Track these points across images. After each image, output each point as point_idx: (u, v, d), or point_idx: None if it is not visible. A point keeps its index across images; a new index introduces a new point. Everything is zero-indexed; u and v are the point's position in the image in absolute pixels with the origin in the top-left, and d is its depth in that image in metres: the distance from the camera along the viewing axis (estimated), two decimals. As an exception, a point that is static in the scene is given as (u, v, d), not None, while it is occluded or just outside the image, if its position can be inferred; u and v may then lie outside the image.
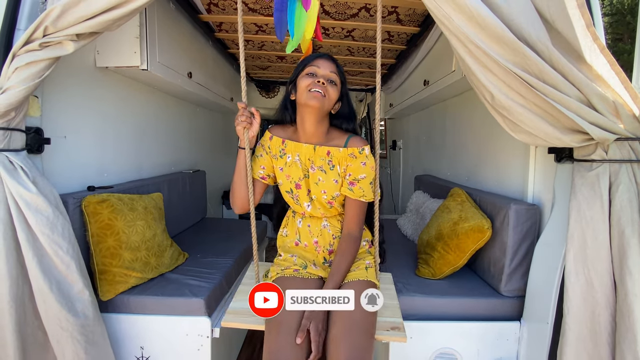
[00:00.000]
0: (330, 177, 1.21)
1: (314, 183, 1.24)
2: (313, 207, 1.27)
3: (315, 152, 1.23)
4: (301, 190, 1.25)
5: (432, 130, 2.90)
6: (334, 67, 1.19)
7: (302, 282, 1.19)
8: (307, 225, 1.32)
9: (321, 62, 1.17)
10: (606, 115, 1.05)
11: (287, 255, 1.31)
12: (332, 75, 1.17)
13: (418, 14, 2.16)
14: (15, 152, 1.17)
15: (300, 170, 1.24)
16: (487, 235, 1.52)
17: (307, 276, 1.22)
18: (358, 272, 1.21)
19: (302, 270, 1.24)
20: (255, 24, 2.39)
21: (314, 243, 1.31)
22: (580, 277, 1.11)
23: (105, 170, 1.78)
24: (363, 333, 1.04)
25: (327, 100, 1.15)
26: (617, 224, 1.07)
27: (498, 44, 1.06)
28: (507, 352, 1.48)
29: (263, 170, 1.28)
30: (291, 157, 1.25)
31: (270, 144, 1.28)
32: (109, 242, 1.45)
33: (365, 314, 1.08)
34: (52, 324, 1.18)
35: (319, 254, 1.32)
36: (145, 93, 2.14)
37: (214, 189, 3.53)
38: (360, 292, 1.10)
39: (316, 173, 1.23)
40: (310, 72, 1.16)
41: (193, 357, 1.44)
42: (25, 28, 1.20)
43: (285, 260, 1.30)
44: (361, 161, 1.19)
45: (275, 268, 1.28)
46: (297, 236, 1.34)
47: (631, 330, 1.02)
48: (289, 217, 1.40)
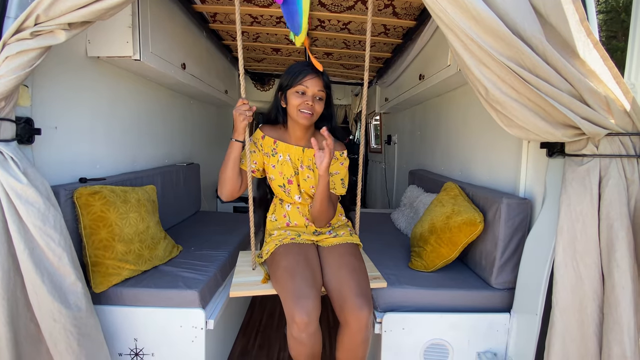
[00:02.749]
0: (316, 174, 1.44)
1: (303, 179, 1.47)
2: (302, 198, 1.50)
3: (304, 154, 1.46)
4: (292, 185, 1.47)
5: (426, 125, 2.91)
6: (322, 85, 1.37)
7: (300, 245, 1.41)
8: (297, 207, 1.53)
9: (310, 82, 1.34)
10: (598, 110, 1.06)
11: (280, 231, 1.50)
12: (320, 93, 1.36)
13: (414, 7, 2.15)
14: (5, 142, 1.16)
15: (292, 168, 1.45)
16: (479, 229, 1.54)
17: (302, 242, 1.44)
18: (345, 237, 1.50)
19: (298, 238, 1.45)
20: (250, 15, 2.36)
21: (305, 220, 1.53)
22: (569, 269, 1.13)
23: (97, 161, 1.76)
24: (364, 276, 1.34)
25: (314, 116, 1.38)
26: (606, 217, 1.09)
27: (493, 37, 1.06)
28: (497, 343, 1.51)
29: (254, 165, 1.46)
30: (282, 156, 1.45)
31: (263, 142, 1.46)
32: (102, 234, 1.44)
33: (360, 263, 1.39)
34: (44, 316, 1.18)
35: (310, 227, 1.54)
36: (138, 84, 2.12)
37: (208, 181, 3.51)
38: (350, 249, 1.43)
39: (305, 171, 1.46)
40: (301, 91, 1.34)
41: (187, 348, 1.45)
42: (15, 16, 1.17)
43: (279, 235, 1.48)
44: (340, 162, 1.49)
45: (271, 243, 1.44)
46: (287, 218, 1.54)
47: (618, 322, 1.04)
48: (275, 205, 1.58)
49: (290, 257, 1.33)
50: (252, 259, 1.53)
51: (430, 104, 2.78)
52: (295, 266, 1.29)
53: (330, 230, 1.57)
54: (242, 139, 1.33)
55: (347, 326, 1.23)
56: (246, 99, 1.30)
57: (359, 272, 1.33)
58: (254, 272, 1.50)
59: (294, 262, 1.31)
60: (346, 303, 1.23)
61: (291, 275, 1.26)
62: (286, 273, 1.27)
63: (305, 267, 1.30)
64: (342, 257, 1.38)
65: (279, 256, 1.37)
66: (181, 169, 2.53)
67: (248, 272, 1.50)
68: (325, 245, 1.47)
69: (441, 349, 1.51)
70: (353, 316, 1.21)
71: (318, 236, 1.51)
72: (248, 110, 1.27)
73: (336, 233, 1.55)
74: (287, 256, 1.34)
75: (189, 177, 2.66)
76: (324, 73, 1.40)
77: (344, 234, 1.53)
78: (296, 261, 1.31)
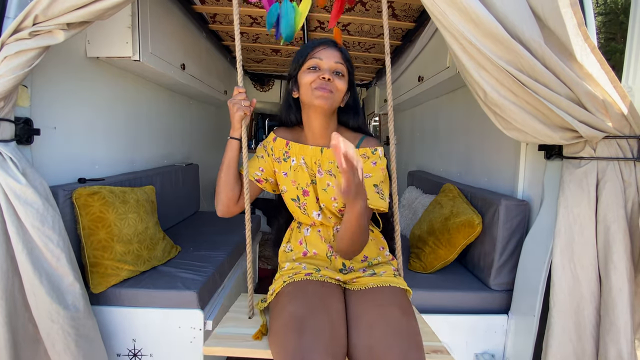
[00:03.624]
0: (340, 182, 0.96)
1: (321, 189, 1.06)
2: (323, 216, 1.09)
3: (323, 155, 1.08)
4: (309, 197, 1.08)
5: (425, 126, 2.91)
6: (339, 56, 1.03)
7: (318, 285, 0.97)
8: (317, 231, 1.12)
9: (324, 52, 1.01)
10: (595, 113, 1.07)
11: (294, 264, 1.08)
12: (338, 66, 1.02)
13: (413, 9, 2.16)
14: (4, 142, 1.16)
15: (307, 175, 1.07)
16: (478, 230, 1.55)
17: (322, 279, 0.99)
18: (387, 278, 1.01)
19: (316, 274, 1.01)
20: (250, 16, 2.37)
21: (329, 248, 1.10)
22: (566, 271, 1.14)
23: (96, 162, 1.76)
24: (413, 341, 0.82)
25: (335, 97, 1.01)
26: (603, 220, 1.09)
27: (492, 41, 1.06)
28: (495, 344, 1.51)
29: (261, 172, 1.11)
30: (296, 160, 1.09)
31: (274, 145, 1.13)
32: (101, 234, 1.44)
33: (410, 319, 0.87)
34: (42, 316, 1.17)
35: (335, 260, 1.09)
36: (137, 84, 2.12)
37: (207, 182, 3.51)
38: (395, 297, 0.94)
39: (324, 178, 1.06)
40: (313, 65, 1.01)
41: (185, 349, 1.45)
42: (15, 16, 1.17)
43: (292, 269, 1.05)
44: (372, 161, 1.05)
45: (279, 280, 1.03)
46: (304, 245, 1.12)
47: (615, 323, 1.05)
48: (292, 230, 1.18)
49: (300, 301, 0.90)
50: (248, 303, 1.10)
51: (429, 106, 2.79)
52: (306, 315, 0.85)
53: (366, 267, 1.09)
54: (237, 135, 1.05)
55: None
56: (243, 88, 1.06)
57: (408, 337, 0.82)
58: (249, 322, 1.07)
59: (306, 309, 0.87)
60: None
61: (298, 328, 0.81)
62: (291, 324, 0.83)
63: (322, 320, 0.84)
64: (382, 309, 0.90)
65: (286, 297, 0.94)
66: (180, 169, 2.53)
67: (242, 320, 1.07)
68: (356, 289, 0.99)
69: (439, 350, 1.51)
70: None
71: (347, 275, 1.05)
72: (244, 100, 1.02)
73: (374, 271, 1.06)
74: (296, 299, 0.91)
75: (188, 178, 2.65)
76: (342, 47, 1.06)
77: (384, 273, 1.04)
78: (309, 308, 0.87)
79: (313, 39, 1.08)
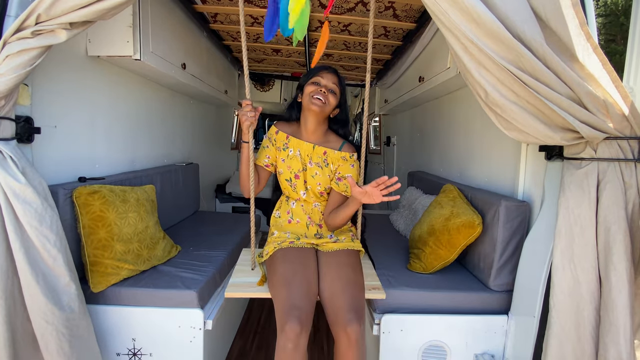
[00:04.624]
0: (325, 172, 1.48)
1: (310, 176, 1.49)
2: (307, 195, 1.52)
3: (314, 151, 1.49)
4: (299, 180, 1.50)
5: (426, 127, 2.91)
6: (336, 80, 1.44)
7: (298, 250, 1.39)
8: (301, 205, 1.55)
9: (325, 74, 1.43)
10: (596, 114, 1.07)
11: (281, 232, 1.51)
12: (333, 86, 1.42)
13: (414, 9, 2.16)
14: (5, 141, 1.15)
15: (300, 164, 1.49)
16: (478, 231, 1.55)
17: (301, 245, 1.42)
18: (346, 243, 1.46)
19: (297, 242, 1.43)
20: (251, 15, 2.37)
21: (308, 218, 1.54)
22: (566, 272, 1.14)
23: (96, 161, 1.76)
24: (359, 288, 1.30)
25: (326, 107, 1.41)
26: (603, 221, 1.09)
27: (493, 41, 1.06)
28: (495, 345, 1.51)
29: (268, 159, 1.51)
30: (293, 151, 1.49)
31: (276, 137, 1.51)
32: (101, 233, 1.44)
33: (358, 273, 1.35)
34: (37, 317, 1.17)
35: (311, 227, 1.54)
36: (138, 84, 2.12)
37: (207, 182, 3.51)
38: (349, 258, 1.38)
39: (313, 168, 1.49)
40: (315, 81, 1.42)
41: (185, 348, 1.45)
42: (16, 15, 1.17)
43: (279, 237, 1.48)
44: (350, 164, 1.49)
45: (271, 245, 1.44)
46: (290, 215, 1.55)
47: (614, 324, 1.05)
48: (282, 202, 1.60)
49: (287, 264, 1.31)
50: (251, 258, 1.52)
51: (430, 106, 2.79)
52: (291, 274, 1.27)
53: (332, 234, 1.54)
54: (247, 139, 1.38)
55: (339, 341, 1.21)
56: (250, 100, 1.34)
57: (354, 285, 1.29)
58: (252, 272, 1.48)
59: (291, 270, 1.29)
60: (337, 317, 1.21)
61: (287, 283, 1.24)
62: (282, 280, 1.26)
63: (301, 277, 1.27)
64: (339, 267, 1.34)
65: (277, 260, 1.35)
66: (180, 168, 2.53)
67: (247, 272, 1.49)
68: (325, 251, 1.44)
69: (439, 350, 1.51)
70: (343, 332, 1.18)
71: (319, 239, 1.49)
72: (250, 112, 1.31)
73: (337, 238, 1.51)
74: (284, 262, 1.32)
75: (188, 177, 2.65)
76: (340, 76, 1.47)
77: (345, 239, 1.50)
78: (293, 269, 1.29)
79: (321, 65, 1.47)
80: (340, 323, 1.19)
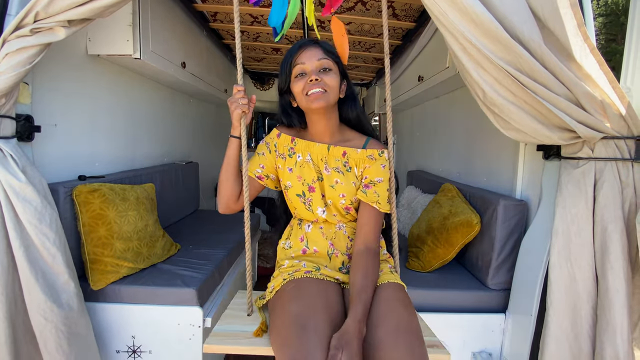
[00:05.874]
0: (349, 179, 1.07)
1: (329, 186, 1.08)
2: (328, 212, 1.09)
3: (330, 152, 1.09)
4: (315, 193, 1.08)
5: (425, 126, 2.92)
6: (321, 52, 1.03)
7: (317, 284, 0.97)
8: (319, 228, 1.12)
9: (305, 55, 1.02)
10: (593, 114, 1.07)
11: (293, 261, 1.08)
12: (322, 62, 1.02)
13: (414, 9, 2.16)
14: (5, 139, 1.16)
15: (314, 172, 1.08)
16: (476, 230, 1.55)
17: (322, 277, 1.00)
18: (385, 275, 1.04)
19: (316, 272, 1.02)
20: (251, 14, 2.37)
21: (330, 245, 1.10)
22: (563, 271, 1.14)
23: (96, 159, 1.77)
24: (416, 337, 0.84)
25: (329, 94, 1.01)
26: (600, 220, 1.10)
27: (491, 41, 1.07)
28: (492, 343, 1.52)
29: (262, 169, 1.11)
30: (302, 156, 1.10)
31: (278, 142, 1.13)
32: (101, 231, 1.45)
33: (412, 315, 0.90)
34: (35, 314, 1.17)
35: (335, 258, 1.09)
36: (137, 82, 2.12)
37: (206, 180, 3.51)
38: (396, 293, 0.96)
39: (332, 175, 1.07)
40: (299, 72, 1.03)
41: (184, 346, 1.46)
42: (16, 13, 1.17)
43: (291, 267, 1.06)
44: (381, 164, 1.08)
45: (279, 277, 1.04)
46: (305, 243, 1.12)
47: (611, 323, 1.05)
48: (292, 227, 1.18)
49: (302, 300, 0.90)
50: (247, 300, 1.10)
51: (429, 106, 2.79)
52: (308, 314, 0.85)
53: None
54: (237, 133, 1.06)
55: None
56: (242, 86, 1.05)
57: (414, 332, 0.85)
58: (248, 319, 1.07)
59: (307, 308, 0.88)
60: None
61: (300, 327, 0.82)
62: (293, 323, 0.84)
63: (323, 319, 0.85)
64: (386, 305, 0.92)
65: (287, 296, 0.95)
66: (180, 167, 2.53)
67: (241, 317, 1.08)
68: None
69: (437, 348, 1.52)
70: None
71: (346, 274, 1.06)
72: (242, 98, 1.03)
73: None
74: (298, 298, 0.91)
75: (188, 176, 2.66)
76: (321, 42, 1.06)
77: (382, 272, 1.06)
78: (311, 307, 0.88)
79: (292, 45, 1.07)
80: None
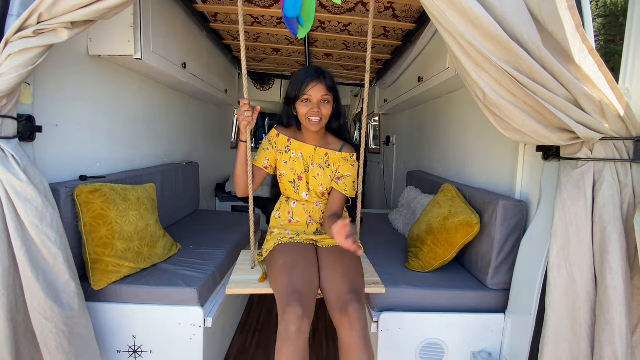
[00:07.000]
0: (327, 173, 1.50)
1: (312, 177, 1.51)
2: (310, 195, 1.54)
3: (316, 152, 1.51)
4: (302, 181, 1.52)
5: (425, 127, 2.93)
6: (325, 89, 1.39)
7: (298, 245, 1.42)
8: (302, 205, 1.55)
9: (313, 90, 1.37)
10: (592, 115, 1.08)
11: (280, 230, 1.53)
12: (325, 97, 1.39)
13: (414, 10, 2.17)
14: (7, 139, 1.17)
15: (302, 165, 1.51)
16: (476, 230, 1.56)
17: (301, 241, 1.44)
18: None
19: (296, 237, 1.46)
20: (251, 15, 2.38)
21: (308, 217, 1.55)
22: (562, 271, 1.15)
23: (97, 159, 1.77)
24: (359, 275, 1.32)
25: (323, 120, 1.41)
26: (599, 220, 1.11)
27: (491, 42, 1.08)
28: (492, 343, 1.52)
29: (267, 161, 1.52)
30: (295, 153, 1.51)
31: (277, 140, 1.53)
32: (102, 231, 1.45)
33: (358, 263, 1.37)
34: (36, 314, 1.18)
35: (311, 226, 1.55)
36: (138, 83, 2.12)
37: (207, 181, 3.52)
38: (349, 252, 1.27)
39: (315, 169, 1.51)
40: (306, 99, 1.39)
41: (185, 346, 1.46)
42: (18, 14, 1.18)
43: (279, 234, 1.50)
44: (350, 164, 1.51)
45: (270, 242, 1.46)
46: (291, 215, 1.56)
47: (610, 323, 1.06)
48: (281, 202, 1.61)
49: (287, 256, 1.33)
50: (251, 257, 1.53)
51: (429, 106, 2.80)
52: (292, 263, 1.28)
53: None
54: (244, 139, 1.38)
55: (341, 327, 1.17)
56: (247, 99, 1.31)
57: (354, 272, 1.30)
58: (252, 270, 1.48)
59: (292, 260, 1.30)
60: (338, 301, 1.20)
61: (288, 271, 1.25)
62: (283, 270, 1.26)
63: (303, 266, 1.28)
64: (339, 258, 1.35)
65: (277, 254, 1.36)
66: (180, 167, 2.54)
67: (247, 270, 1.49)
68: (324, 246, 1.45)
69: (437, 348, 1.53)
70: (345, 315, 1.15)
71: (318, 236, 1.50)
72: (247, 111, 1.29)
73: None
74: (284, 254, 1.34)
75: (188, 176, 2.66)
76: (327, 76, 1.41)
77: None
78: (294, 259, 1.31)
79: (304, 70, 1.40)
80: (342, 305, 1.17)
